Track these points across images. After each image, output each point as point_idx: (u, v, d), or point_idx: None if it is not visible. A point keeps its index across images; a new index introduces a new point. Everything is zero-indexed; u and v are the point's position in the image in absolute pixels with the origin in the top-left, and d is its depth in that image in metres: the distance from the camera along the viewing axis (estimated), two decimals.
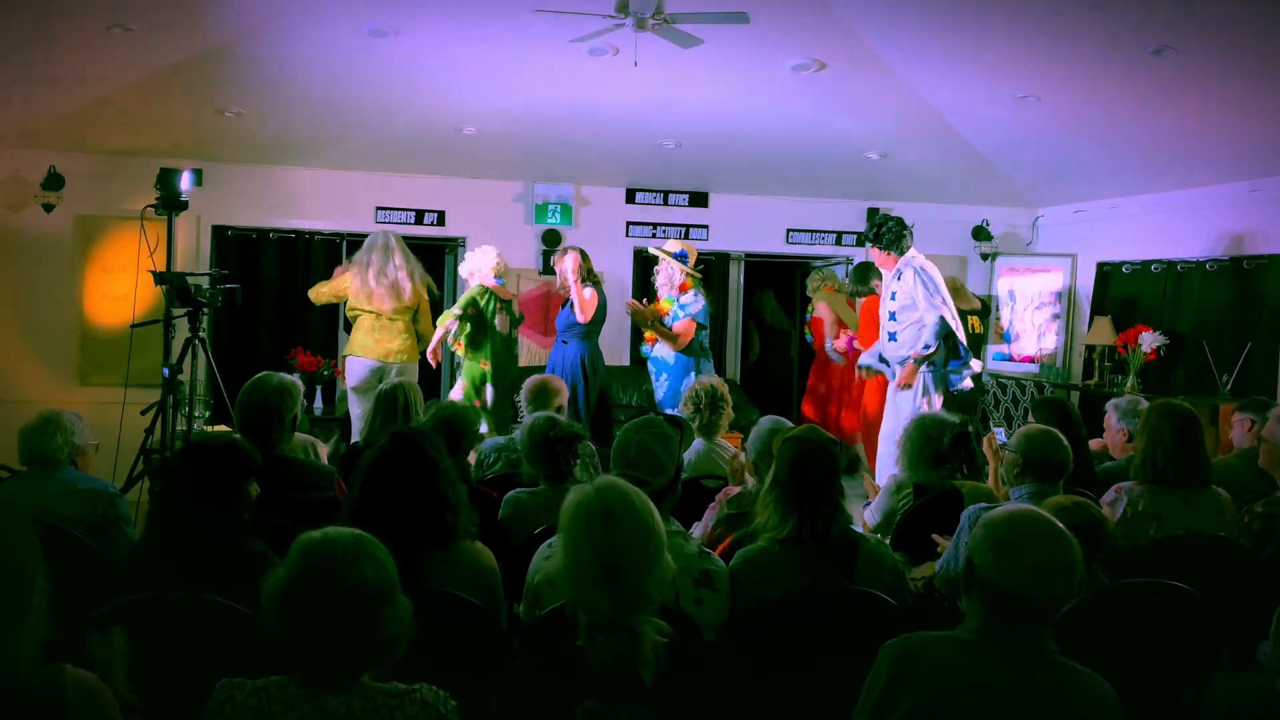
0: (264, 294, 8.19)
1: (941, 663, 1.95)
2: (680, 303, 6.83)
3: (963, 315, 6.49)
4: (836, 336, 8.29)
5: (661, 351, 6.88)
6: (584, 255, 6.82)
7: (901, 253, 6.14)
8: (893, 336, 6.16)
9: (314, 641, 1.75)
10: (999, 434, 4.45)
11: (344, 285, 6.97)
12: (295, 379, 3.68)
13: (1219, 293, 7.27)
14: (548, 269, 8.69)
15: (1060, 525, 2.00)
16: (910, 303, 6.06)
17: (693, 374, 6.62)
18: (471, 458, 4.51)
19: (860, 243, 6.04)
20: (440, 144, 7.59)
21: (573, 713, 1.80)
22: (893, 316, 6.15)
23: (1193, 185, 7.45)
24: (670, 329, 6.80)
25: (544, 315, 8.66)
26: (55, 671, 1.60)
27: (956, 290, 7.24)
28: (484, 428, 5.78)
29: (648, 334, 6.96)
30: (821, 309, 8.48)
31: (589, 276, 6.79)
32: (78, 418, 3.72)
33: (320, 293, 7.12)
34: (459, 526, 2.62)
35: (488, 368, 6.65)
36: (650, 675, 1.82)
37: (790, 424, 3.73)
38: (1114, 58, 5.47)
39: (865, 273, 7.76)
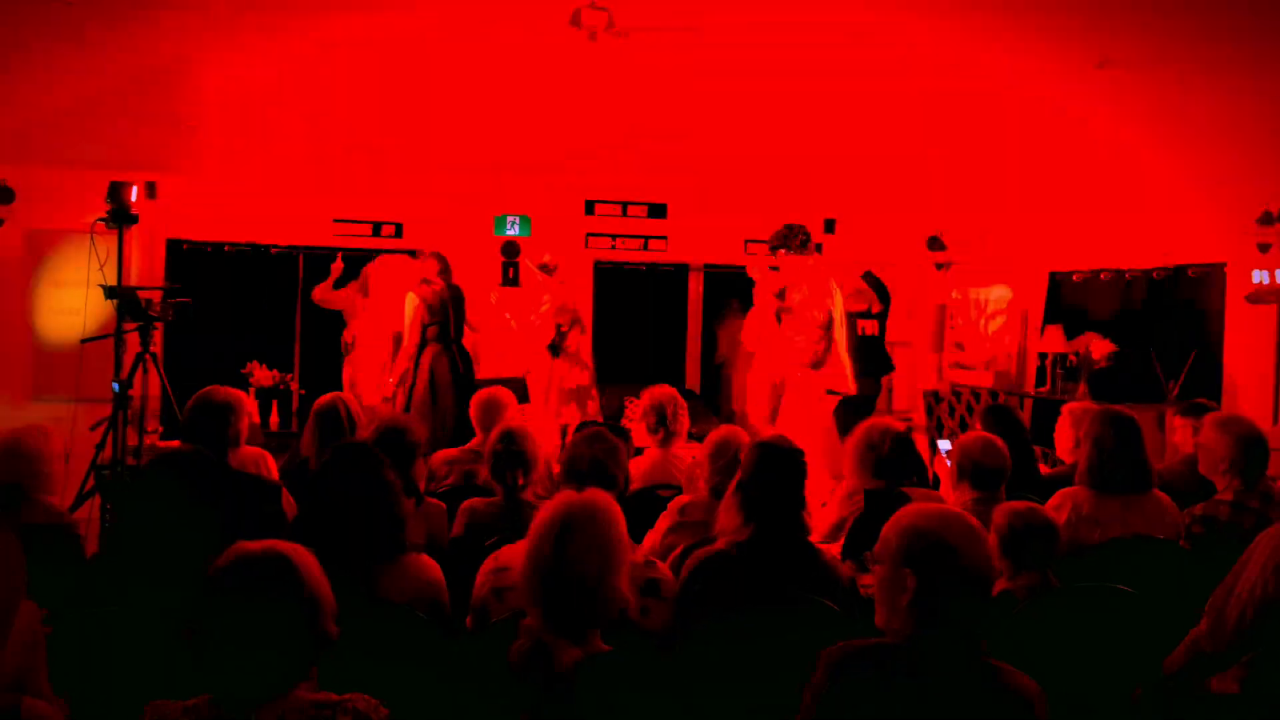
0: (220, 309, 8.12)
1: (875, 669, 1.97)
2: None
3: (852, 318, 6.54)
4: None
5: None
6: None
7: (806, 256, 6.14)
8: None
9: (235, 654, 1.75)
10: (943, 445, 4.51)
11: None
12: (240, 393, 3.67)
13: (1166, 301, 7.41)
14: (507, 281, 8.68)
15: (979, 528, 2.04)
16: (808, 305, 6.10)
17: None
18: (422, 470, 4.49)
19: (772, 251, 6.09)
20: (398, 157, 7.58)
21: None
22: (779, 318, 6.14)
23: (1141, 195, 7.60)
24: None
25: None
26: (14, 700, 1.60)
27: (858, 293, 7.32)
28: None
29: None
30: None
31: None
32: (44, 433, 3.59)
33: None
34: (404, 539, 2.62)
35: None
36: (587, 686, 1.84)
37: (744, 433, 3.76)
38: (1059, 69, 5.59)
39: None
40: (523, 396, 6.90)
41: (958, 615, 1.96)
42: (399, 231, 8.40)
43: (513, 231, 8.68)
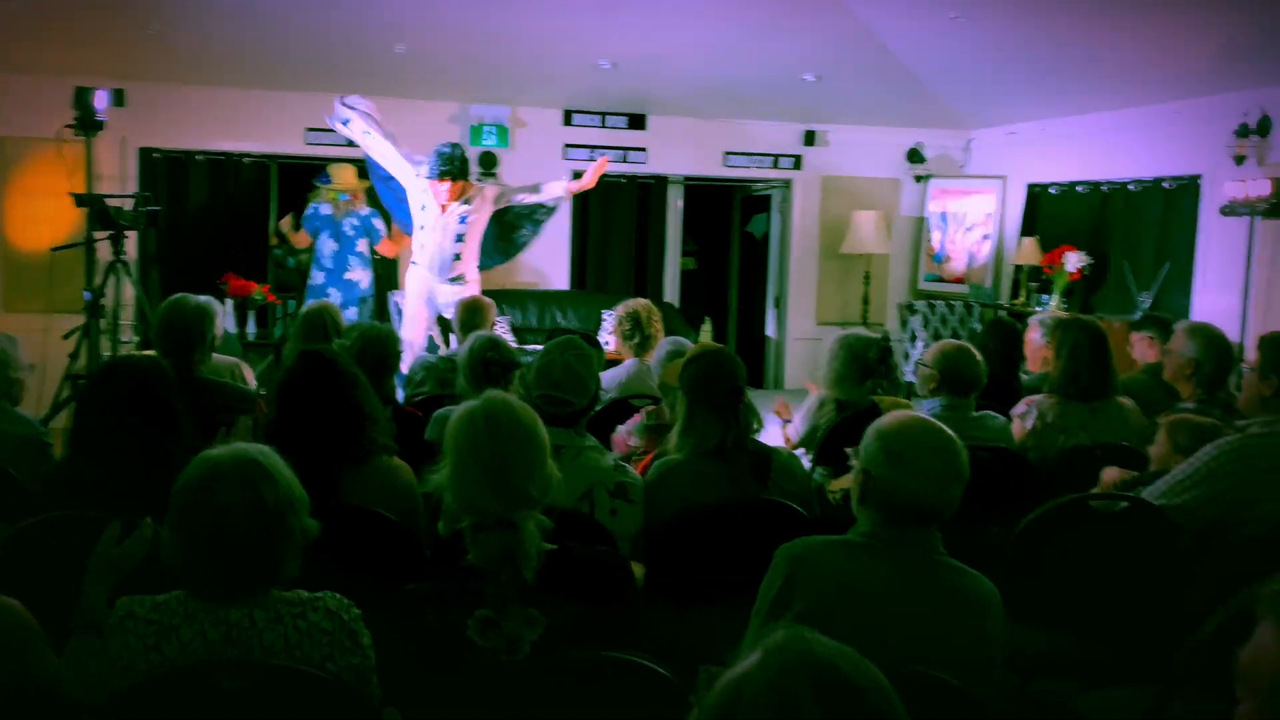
0: (194, 218, 8.03)
1: (834, 564, 2.03)
2: None
3: None
4: None
5: None
6: None
7: (467, 180, 6.08)
8: (458, 257, 6.12)
9: (203, 558, 1.79)
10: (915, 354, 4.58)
11: None
12: (213, 300, 3.66)
13: (1141, 214, 7.43)
14: None
15: (950, 432, 2.08)
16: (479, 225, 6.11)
17: None
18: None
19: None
20: (371, 63, 7.43)
21: (466, 626, 1.86)
22: (460, 239, 6.06)
23: (1119, 107, 7.55)
24: None
25: None
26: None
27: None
28: None
29: None
30: None
31: None
32: (10, 340, 3.58)
33: None
34: (376, 442, 2.65)
35: None
36: (531, 572, 1.89)
37: (689, 344, 3.81)
38: None
39: None
40: None
41: (922, 517, 2.02)
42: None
43: (489, 143, 8.58)
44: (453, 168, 5.84)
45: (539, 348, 5.66)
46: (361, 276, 7.29)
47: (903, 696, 1.11)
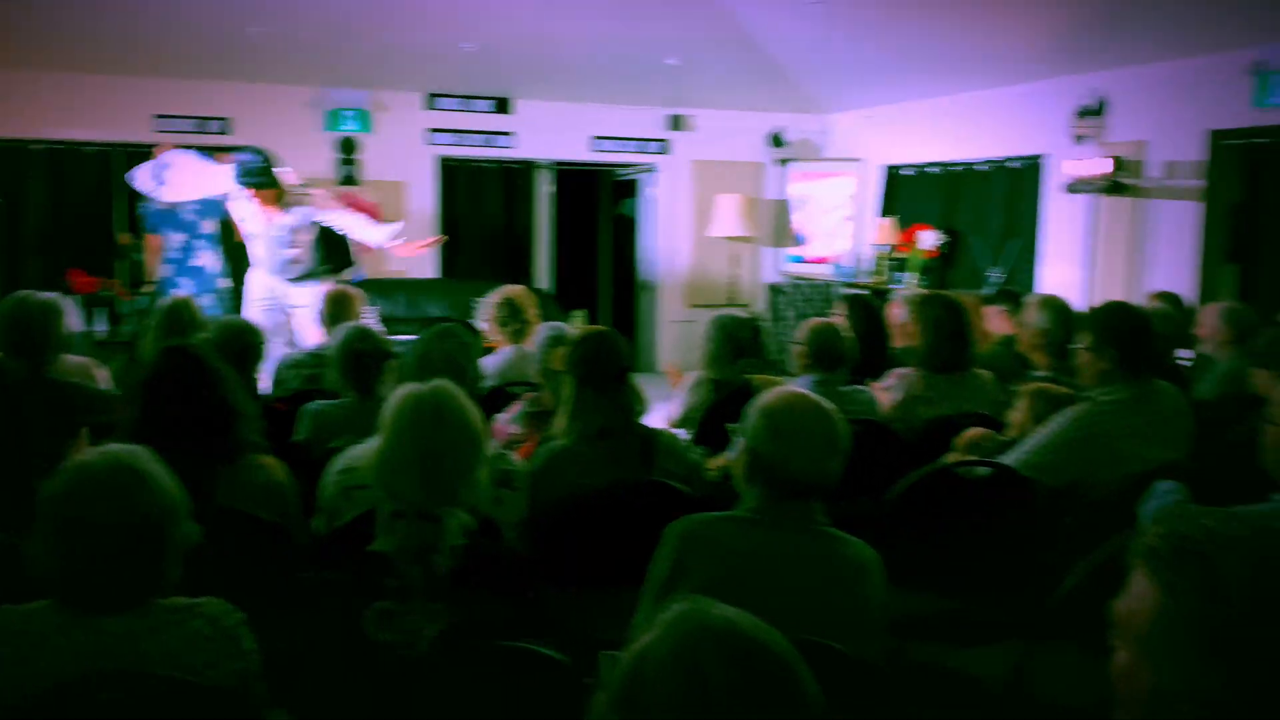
0: (32, 212, 7.56)
1: (722, 540, 2.07)
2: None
3: None
4: None
5: None
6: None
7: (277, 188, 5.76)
8: (295, 261, 5.94)
9: (79, 572, 1.70)
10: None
11: None
12: (57, 298, 3.45)
13: (990, 193, 7.79)
14: (345, 180, 8.39)
15: (829, 406, 2.15)
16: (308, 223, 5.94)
17: None
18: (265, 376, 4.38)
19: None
20: (223, 46, 7.13)
21: (364, 618, 1.82)
22: (291, 245, 5.89)
23: (968, 90, 7.89)
24: None
25: None
26: None
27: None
28: None
29: None
30: None
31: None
32: None
33: None
34: (247, 439, 2.56)
35: None
36: (446, 564, 1.86)
37: (570, 328, 3.81)
38: None
39: None
40: None
41: (807, 489, 2.07)
42: (227, 128, 7.96)
43: (349, 128, 8.36)
44: (252, 178, 5.58)
45: (410, 338, 5.54)
46: (209, 261, 6.92)
47: None
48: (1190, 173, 6.28)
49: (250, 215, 5.74)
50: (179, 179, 6.06)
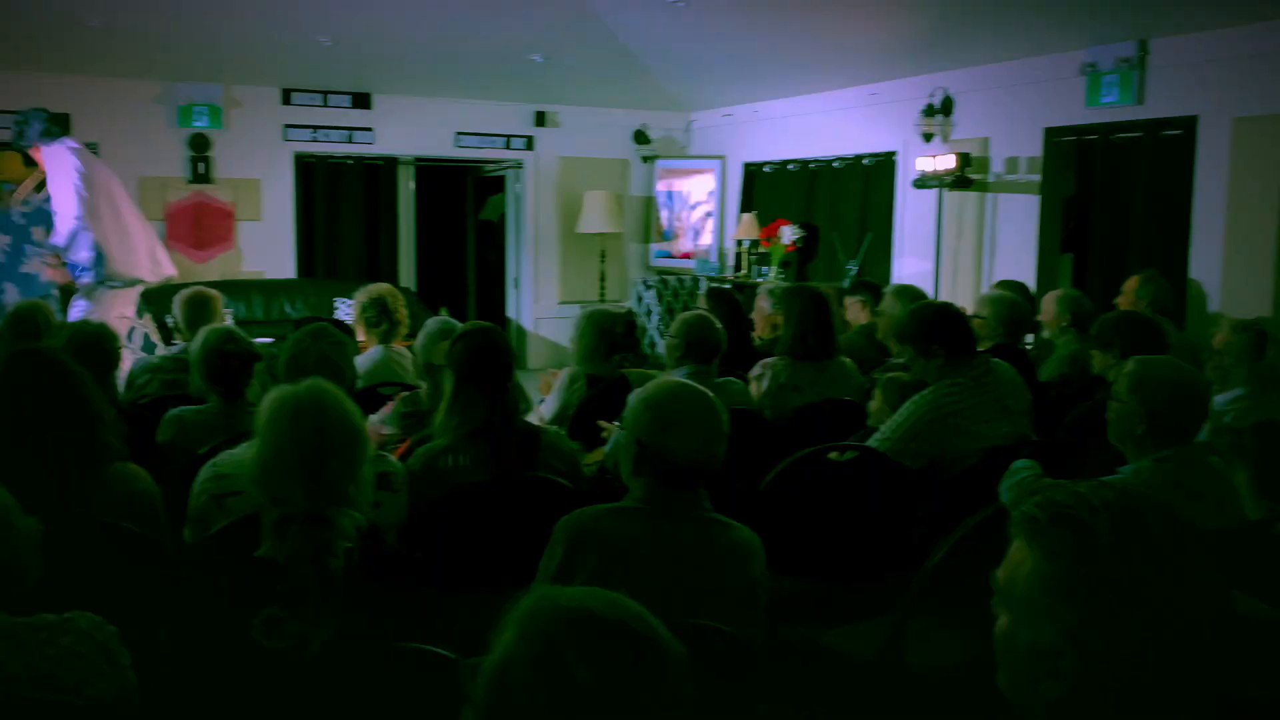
0: None
1: (613, 532, 2.11)
2: None
3: None
4: None
5: None
6: None
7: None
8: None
9: None
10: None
11: None
12: None
13: (845, 189, 8.07)
14: (197, 178, 8.08)
15: (709, 393, 2.21)
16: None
17: None
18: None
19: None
20: (62, 38, 6.74)
21: (248, 625, 1.78)
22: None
23: (822, 90, 8.14)
24: None
25: (196, 226, 8.11)
26: None
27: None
28: None
29: None
30: None
31: None
32: None
33: None
34: (109, 445, 2.45)
35: None
36: (339, 568, 1.84)
37: (457, 323, 3.77)
38: None
39: None
40: None
41: (693, 477, 2.12)
42: (67, 125, 7.52)
43: (200, 124, 8.04)
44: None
45: (268, 340, 5.35)
46: (41, 268, 6.53)
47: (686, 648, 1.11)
48: (1029, 168, 6.65)
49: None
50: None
